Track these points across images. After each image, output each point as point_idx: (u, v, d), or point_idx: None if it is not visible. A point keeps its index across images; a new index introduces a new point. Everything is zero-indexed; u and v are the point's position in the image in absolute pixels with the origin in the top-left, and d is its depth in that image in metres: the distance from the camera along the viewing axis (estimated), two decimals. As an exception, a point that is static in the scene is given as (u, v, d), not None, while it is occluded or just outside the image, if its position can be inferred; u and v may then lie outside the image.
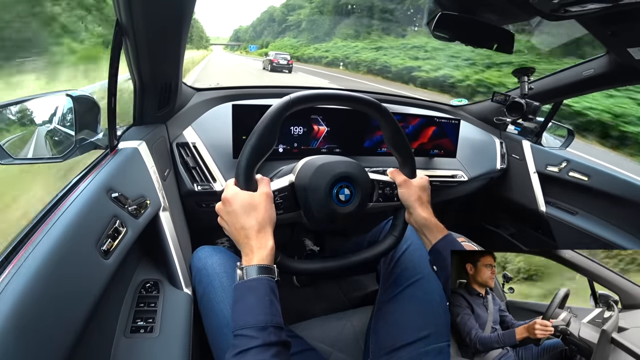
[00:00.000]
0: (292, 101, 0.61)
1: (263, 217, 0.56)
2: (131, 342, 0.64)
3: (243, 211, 0.56)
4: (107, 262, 0.55)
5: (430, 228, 0.67)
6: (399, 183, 0.71)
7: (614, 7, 0.68)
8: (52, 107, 0.70)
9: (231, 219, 0.56)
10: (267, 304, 0.50)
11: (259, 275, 0.52)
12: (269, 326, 0.48)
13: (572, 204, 1.42)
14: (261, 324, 0.48)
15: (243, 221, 0.55)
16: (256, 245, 0.54)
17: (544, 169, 1.47)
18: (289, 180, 0.66)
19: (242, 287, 0.52)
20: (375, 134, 1.25)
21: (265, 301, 0.50)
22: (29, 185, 1.19)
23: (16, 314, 0.38)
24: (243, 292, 0.51)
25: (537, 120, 1.45)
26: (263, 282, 0.51)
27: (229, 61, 29.62)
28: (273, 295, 0.52)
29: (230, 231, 0.57)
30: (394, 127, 0.68)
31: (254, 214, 0.56)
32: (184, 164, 1.01)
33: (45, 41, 2.89)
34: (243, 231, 0.55)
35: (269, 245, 0.55)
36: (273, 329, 0.48)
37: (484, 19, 0.94)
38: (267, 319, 0.48)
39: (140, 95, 0.85)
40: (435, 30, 0.93)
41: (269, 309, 0.50)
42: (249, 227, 0.55)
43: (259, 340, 0.47)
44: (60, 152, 0.67)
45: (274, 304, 0.51)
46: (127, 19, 0.65)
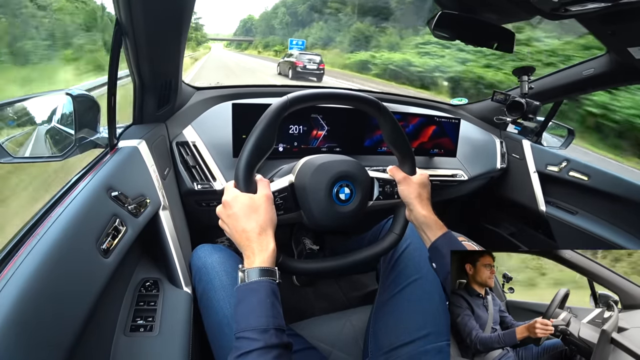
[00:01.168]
0: (289, 101, 0.61)
1: (264, 219, 0.56)
2: (131, 340, 0.64)
3: (243, 214, 0.56)
4: (106, 261, 0.55)
5: (430, 225, 0.67)
6: (398, 180, 0.71)
7: (614, 7, 0.68)
8: (52, 106, 0.70)
9: (232, 222, 0.56)
10: (269, 307, 0.50)
11: (261, 277, 0.52)
12: (271, 328, 0.48)
13: (572, 204, 1.42)
14: (262, 327, 0.48)
15: (244, 224, 0.55)
16: (257, 247, 0.54)
17: (544, 168, 1.47)
18: (289, 180, 0.66)
19: (243, 290, 0.52)
20: (375, 133, 1.25)
21: (267, 303, 0.50)
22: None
23: (16, 312, 0.39)
24: (245, 295, 0.51)
25: (537, 119, 1.45)
26: (264, 285, 0.52)
27: (233, 63, 22.26)
28: (274, 298, 0.52)
29: (231, 234, 0.57)
30: (393, 124, 0.68)
31: (255, 216, 0.56)
32: (184, 163, 1.01)
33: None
34: (244, 234, 0.55)
35: (270, 247, 0.55)
36: (274, 331, 0.48)
37: (484, 18, 0.94)
38: (268, 322, 0.49)
39: (140, 94, 0.85)
40: (435, 30, 0.93)
41: (270, 311, 0.50)
42: (249, 229, 0.55)
43: (261, 342, 0.47)
44: (60, 150, 0.68)
45: (276, 306, 0.51)
46: (127, 17, 0.65)
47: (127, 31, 0.68)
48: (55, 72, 3.95)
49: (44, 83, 3.48)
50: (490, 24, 0.95)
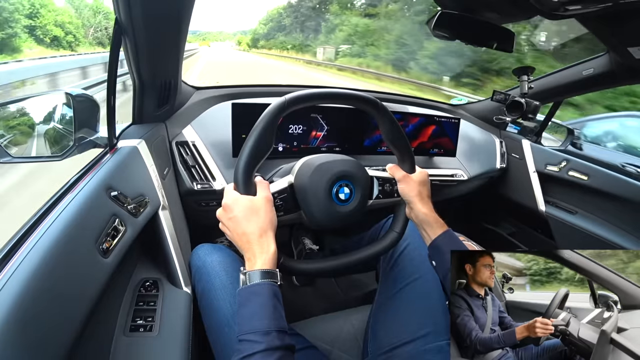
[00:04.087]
0: (287, 102, 0.60)
1: (264, 221, 0.56)
2: (131, 340, 0.65)
3: (244, 217, 0.56)
4: (106, 261, 0.55)
5: (431, 223, 0.67)
6: (398, 179, 0.71)
7: (614, 6, 0.68)
8: (51, 106, 0.70)
9: (232, 225, 0.56)
10: (271, 309, 0.50)
11: (262, 280, 0.52)
12: (273, 331, 0.48)
13: (572, 204, 1.42)
14: (265, 329, 0.48)
15: (244, 227, 0.55)
16: (258, 250, 0.54)
17: (544, 168, 1.47)
18: (288, 181, 0.65)
19: (245, 292, 0.52)
20: (374, 132, 1.25)
21: (269, 306, 0.50)
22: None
23: (15, 312, 0.38)
24: (247, 297, 0.52)
25: (537, 119, 1.45)
26: (266, 287, 0.52)
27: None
28: (276, 300, 0.52)
29: (232, 237, 0.57)
30: (391, 123, 0.68)
31: (255, 219, 0.56)
32: (184, 163, 1.01)
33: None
34: (245, 237, 0.55)
35: (271, 249, 0.55)
36: (277, 334, 0.49)
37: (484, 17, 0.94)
38: (270, 324, 0.49)
39: (140, 94, 0.84)
40: (435, 29, 0.93)
41: (272, 313, 0.50)
42: (250, 232, 0.55)
43: (263, 344, 0.47)
44: (60, 150, 0.67)
45: (277, 309, 0.51)
46: (127, 17, 0.65)
47: (127, 31, 0.68)
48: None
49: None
50: (490, 23, 0.95)
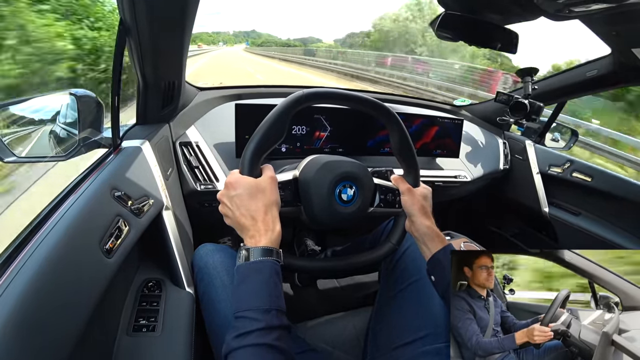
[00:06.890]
0: (305, 96, 0.61)
1: (269, 199, 0.55)
2: (133, 340, 0.65)
3: (248, 194, 0.54)
4: (109, 261, 0.56)
5: (432, 237, 0.67)
6: (402, 191, 0.71)
7: (619, 7, 0.67)
8: (56, 106, 0.71)
9: (236, 202, 0.55)
10: (272, 287, 0.49)
11: (265, 257, 0.51)
12: (273, 309, 0.48)
13: (575, 205, 1.41)
14: (265, 306, 0.47)
15: (248, 204, 0.54)
16: (263, 227, 0.53)
17: (547, 169, 1.46)
18: (293, 174, 0.66)
19: (246, 269, 0.51)
20: (378, 133, 1.25)
21: (270, 284, 0.50)
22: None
23: (19, 312, 0.39)
24: (247, 274, 0.50)
25: (540, 120, 1.44)
26: (269, 264, 0.51)
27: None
28: (277, 278, 0.51)
29: (233, 216, 0.55)
30: (402, 135, 0.69)
31: (261, 196, 0.55)
32: (187, 163, 1.02)
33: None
34: (249, 213, 0.54)
35: (277, 228, 0.54)
36: (276, 312, 0.48)
37: (487, 18, 0.94)
38: (271, 302, 0.48)
39: (144, 94, 0.85)
40: (438, 30, 0.93)
41: (273, 291, 0.49)
42: (255, 209, 0.54)
43: (262, 323, 0.46)
44: (64, 150, 0.68)
45: (278, 287, 0.50)
46: (131, 18, 0.65)
47: (131, 31, 0.68)
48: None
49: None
50: (494, 24, 0.94)
